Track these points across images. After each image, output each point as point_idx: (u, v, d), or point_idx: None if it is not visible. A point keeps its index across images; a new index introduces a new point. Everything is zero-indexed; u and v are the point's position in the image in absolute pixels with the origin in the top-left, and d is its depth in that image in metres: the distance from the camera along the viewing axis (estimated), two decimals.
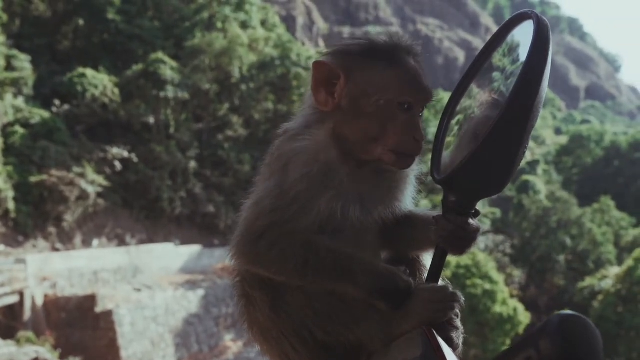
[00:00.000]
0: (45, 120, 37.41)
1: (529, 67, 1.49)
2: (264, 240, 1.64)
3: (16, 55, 37.62)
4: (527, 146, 1.58)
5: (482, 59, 1.74)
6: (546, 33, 1.50)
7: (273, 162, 1.74)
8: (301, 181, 1.65)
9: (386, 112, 1.68)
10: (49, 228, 35.12)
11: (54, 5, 45.47)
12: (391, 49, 1.73)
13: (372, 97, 1.68)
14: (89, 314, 25.77)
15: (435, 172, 1.69)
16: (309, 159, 1.67)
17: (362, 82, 1.70)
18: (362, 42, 1.76)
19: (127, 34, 46.07)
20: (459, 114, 1.75)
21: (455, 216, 1.63)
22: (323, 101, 1.74)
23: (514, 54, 1.63)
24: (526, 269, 45.79)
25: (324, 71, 1.73)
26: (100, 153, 39.22)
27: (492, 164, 1.54)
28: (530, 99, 1.50)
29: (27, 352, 8.77)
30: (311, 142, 1.71)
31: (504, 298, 34.89)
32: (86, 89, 40.30)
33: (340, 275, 1.61)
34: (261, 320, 1.70)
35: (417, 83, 1.71)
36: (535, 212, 48.43)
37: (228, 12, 50.17)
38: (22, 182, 34.20)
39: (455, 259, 36.27)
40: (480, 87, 1.72)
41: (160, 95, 41.93)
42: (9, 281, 23.96)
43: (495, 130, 1.49)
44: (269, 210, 1.65)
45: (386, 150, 1.68)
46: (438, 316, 1.59)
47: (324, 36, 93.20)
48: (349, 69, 1.72)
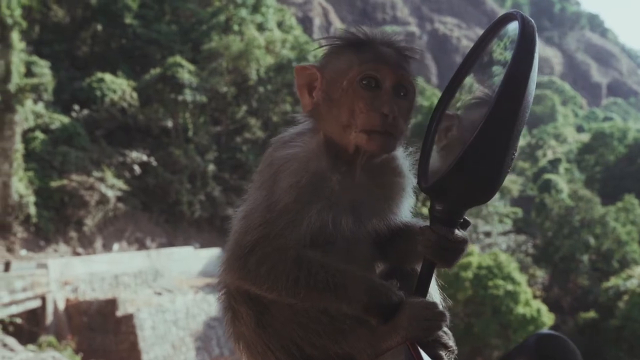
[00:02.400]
0: (65, 126, 37.70)
1: (513, 70, 1.45)
2: (253, 255, 1.59)
3: (36, 62, 37.97)
4: (515, 151, 1.52)
5: (469, 63, 1.68)
6: (531, 34, 1.48)
7: (264, 169, 1.72)
8: (289, 192, 1.61)
9: (351, 94, 1.65)
10: (70, 232, 35.36)
11: (73, 11, 45.89)
12: (363, 40, 1.70)
13: (337, 83, 1.66)
14: (110, 317, 25.81)
15: (422, 180, 1.64)
16: (298, 168, 1.64)
17: (330, 72, 1.69)
18: (338, 38, 1.74)
19: (145, 38, 46.34)
20: (447, 119, 1.68)
21: (441, 227, 1.58)
22: (307, 104, 1.73)
23: (500, 57, 1.58)
24: (549, 269, 45.23)
25: (303, 74, 1.73)
26: (119, 157, 39.44)
27: (478, 171, 1.49)
28: (516, 103, 1.46)
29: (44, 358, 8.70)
30: (302, 149, 1.68)
31: (526, 299, 34.53)
32: (105, 94, 40.58)
33: (334, 293, 1.57)
34: (247, 334, 1.67)
35: (380, 58, 1.66)
36: (557, 211, 47.85)
37: (244, 14, 50.19)
38: (43, 187, 34.49)
39: (477, 260, 35.96)
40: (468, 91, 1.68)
41: (179, 98, 42.07)
42: (31, 286, 24.06)
43: (479, 136, 1.45)
44: (257, 223, 1.61)
45: (357, 133, 1.63)
46: (423, 334, 1.55)
47: None
48: (323, 66, 1.72)
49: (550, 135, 76.91)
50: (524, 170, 67.51)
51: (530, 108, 1.51)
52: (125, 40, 46.49)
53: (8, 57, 32.40)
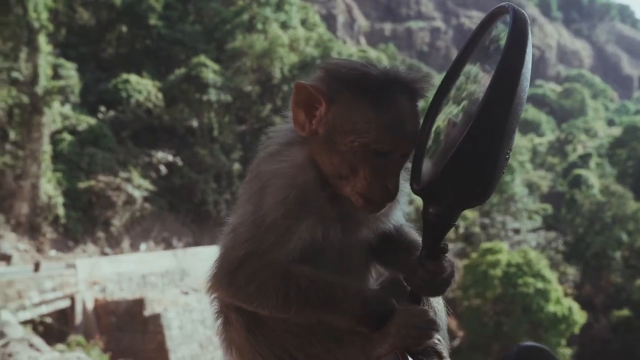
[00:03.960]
0: (91, 127, 38.08)
1: (503, 66, 1.41)
2: (241, 272, 1.56)
3: (63, 64, 38.39)
4: (510, 150, 1.49)
5: (462, 59, 1.62)
6: (523, 28, 1.42)
7: (251, 182, 1.67)
8: (276, 208, 1.56)
9: (359, 155, 1.58)
10: (98, 233, 35.70)
11: (98, 13, 46.33)
12: (383, 85, 1.59)
13: (347, 136, 1.58)
14: (138, 317, 25.98)
15: (414, 182, 1.60)
16: (286, 184, 1.59)
17: (340, 116, 1.60)
18: (354, 70, 1.62)
19: (169, 39, 46.59)
20: (440, 119, 1.63)
21: (431, 262, 1.55)
22: (301, 124, 1.65)
23: (493, 53, 1.52)
24: (580, 266, 44.56)
25: (305, 94, 1.63)
26: (145, 157, 39.70)
27: (470, 172, 1.46)
28: (507, 101, 1.42)
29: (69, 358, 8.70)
30: (289, 163, 1.62)
31: (557, 297, 34.21)
32: (130, 95, 40.88)
33: (325, 308, 1.54)
34: (237, 340, 1.65)
35: (398, 131, 1.58)
36: (588, 207, 47.15)
37: (268, 13, 50.13)
38: (70, 188, 34.87)
39: (506, 257, 35.55)
40: (452, 96, 1.63)
41: (203, 98, 42.19)
42: (60, 286, 24.35)
43: (469, 136, 1.42)
44: (244, 239, 1.57)
45: (354, 192, 1.60)
46: (412, 342, 1.52)
47: (365, 34, 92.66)
48: (332, 98, 1.61)
49: (580, 129, 75.62)
50: (553, 165, 66.61)
51: (524, 105, 1.46)
52: (150, 41, 46.80)
53: (35, 60, 32.79)
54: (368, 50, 61.66)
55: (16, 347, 10.10)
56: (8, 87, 31.92)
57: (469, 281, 36.04)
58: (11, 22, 31.87)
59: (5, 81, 31.82)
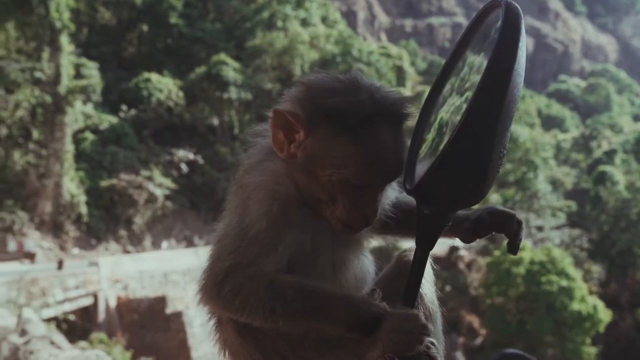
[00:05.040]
0: (113, 126, 38.39)
1: (494, 63, 1.37)
2: (227, 285, 1.53)
3: (84, 63, 38.76)
4: (504, 149, 1.45)
5: (456, 57, 1.60)
6: (515, 23, 1.40)
7: (237, 192, 1.66)
8: (260, 220, 1.55)
9: (336, 188, 1.55)
10: (120, 231, 35.99)
11: (119, 13, 46.71)
12: (364, 117, 1.52)
13: (325, 169, 1.55)
14: (160, 315, 26.12)
15: (407, 181, 1.56)
16: (268, 196, 1.58)
17: (319, 147, 1.56)
18: (334, 97, 1.55)
19: (190, 37, 46.80)
20: (444, 110, 1.59)
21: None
22: (279, 145, 1.60)
23: (486, 49, 1.47)
24: (605, 264, 43.93)
25: (284, 120, 1.59)
26: (166, 156, 39.94)
27: (461, 171, 1.43)
28: (498, 98, 1.38)
29: (88, 356, 8.75)
30: (271, 176, 1.61)
31: (582, 295, 33.90)
32: (151, 94, 41.14)
33: (313, 318, 1.52)
34: (230, 342, 1.65)
35: (379, 166, 1.54)
36: (613, 204, 46.46)
37: (288, 10, 50.06)
38: (93, 187, 35.21)
39: (529, 255, 35.21)
40: (449, 91, 1.60)
41: (224, 96, 42.30)
42: (83, 284, 24.58)
43: (459, 135, 1.38)
44: (229, 250, 1.55)
45: (333, 218, 1.58)
46: (402, 347, 1.47)
47: (386, 30, 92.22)
48: (311, 125, 1.56)
49: (605, 125, 74.50)
50: (577, 162, 65.80)
51: (517, 102, 1.43)
52: (171, 39, 47.07)
53: (58, 59, 33.14)
54: (389, 46, 61.33)
55: (37, 345, 10.18)
56: (31, 87, 32.29)
57: (491, 279, 35.83)
58: (34, 23, 32.23)
59: (28, 81, 32.19)
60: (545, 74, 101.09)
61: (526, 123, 48.11)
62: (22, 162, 32.28)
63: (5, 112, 31.31)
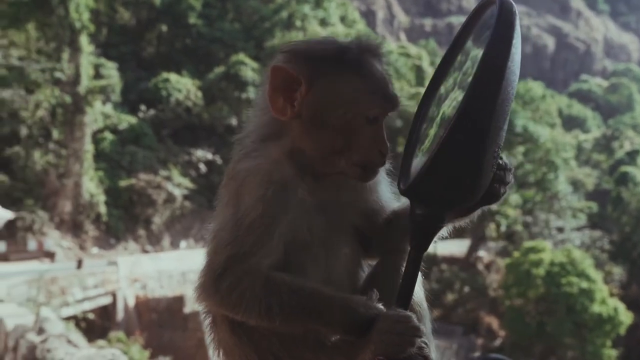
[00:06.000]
0: (132, 126, 38.62)
1: (486, 60, 1.36)
2: (224, 280, 1.52)
3: (104, 64, 39.05)
4: (498, 148, 1.43)
5: (452, 55, 1.60)
6: (509, 20, 1.37)
7: (228, 184, 1.64)
8: (255, 207, 1.54)
9: (352, 126, 1.59)
10: (139, 230, 36.19)
11: (138, 13, 47.01)
12: (358, 54, 1.62)
13: (339, 109, 1.59)
14: (178, 314, 26.19)
15: (402, 181, 1.56)
16: (262, 181, 1.57)
17: (327, 92, 1.59)
18: (326, 45, 1.65)
19: (209, 37, 46.95)
20: (447, 105, 1.57)
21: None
22: (280, 109, 1.61)
23: (481, 47, 1.45)
24: (627, 265, 43.50)
25: (282, 76, 1.60)
26: (185, 156, 40.12)
27: (454, 171, 1.42)
28: (492, 96, 1.36)
29: (104, 355, 8.72)
30: (265, 160, 1.61)
31: (602, 297, 33.69)
32: (170, 94, 41.33)
33: (309, 318, 1.51)
34: (224, 341, 1.64)
35: (386, 93, 1.62)
36: (635, 205, 46.00)
37: (307, 10, 50.04)
38: (112, 187, 35.45)
39: (549, 256, 34.90)
40: (444, 91, 1.60)
41: (242, 96, 42.32)
42: (102, 283, 24.75)
43: (451, 134, 1.37)
44: (226, 242, 1.54)
45: (350, 164, 1.61)
46: (394, 349, 1.47)
47: (405, 29, 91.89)
48: (312, 76, 1.60)
49: (627, 125, 73.62)
50: (599, 162, 65.09)
51: (512, 101, 1.40)
52: (190, 39, 47.27)
53: (77, 60, 33.44)
54: (408, 46, 61.04)
55: (54, 343, 10.18)
56: (51, 87, 32.59)
57: (511, 280, 35.66)
58: (53, 23, 32.54)
59: (48, 81, 32.51)
60: (567, 73, 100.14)
61: (547, 123, 47.62)
62: (42, 162, 32.59)
63: (25, 112, 31.63)
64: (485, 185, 1.47)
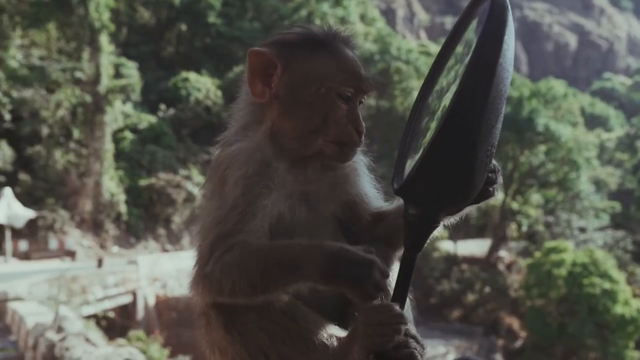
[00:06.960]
0: (152, 125, 38.79)
1: (477, 57, 1.35)
2: (211, 260, 1.52)
3: (124, 63, 39.28)
4: (492, 147, 1.41)
5: (447, 52, 1.59)
6: (501, 15, 1.37)
7: (213, 173, 1.67)
8: (237, 184, 1.58)
9: (327, 102, 1.65)
10: (159, 229, 36.33)
11: (158, 12, 47.27)
12: (329, 39, 1.71)
13: (312, 85, 1.65)
14: None
15: (395, 181, 1.55)
16: (244, 160, 1.61)
17: (301, 70, 1.67)
18: (300, 32, 1.73)
19: (228, 36, 47.08)
20: (447, 98, 1.51)
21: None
22: (259, 92, 1.69)
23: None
24: None
25: (260, 61, 1.68)
26: (204, 155, 40.16)
27: (445, 171, 1.40)
28: (482, 94, 1.35)
29: (120, 353, 8.81)
30: (247, 142, 1.66)
31: (625, 298, 33.50)
32: (190, 93, 41.49)
33: (287, 270, 1.49)
34: (218, 341, 1.64)
35: (357, 73, 1.69)
36: None
37: (326, 8, 49.90)
38: (132, 186, 35.61)
39: (571, 256, 34.53)
40: (446, 84, 1.56)
41: None
42: (122, 282, 24.86)
43: (441, 133, 1.36)
44: (212, 225, 1.56)
45: (328, 142, 1.65)
46: (380, 340, 1.46)
47: (426, 28, 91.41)
48: (287, 58, 1.68)
49: None
50: (622, 162, 64.26)
51: (504, 99, 1.37)
52: (209, 39, 47.45)
53: (97, 59, 33.62)
54: (428, 45, 60.68)
55: (73, 342, 10.23)
56: (72, 86, 32.80)
57: (532, 281, 35.47)
58: (74, 23, 32.74)
59: (69, 81, 32.72)
60: (589, 71, 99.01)
61: (569, 122, 47.03)
62: (63, 161, 32.80)
63: (46, 111, 31.85)
64: (479, 185, 1.45)
